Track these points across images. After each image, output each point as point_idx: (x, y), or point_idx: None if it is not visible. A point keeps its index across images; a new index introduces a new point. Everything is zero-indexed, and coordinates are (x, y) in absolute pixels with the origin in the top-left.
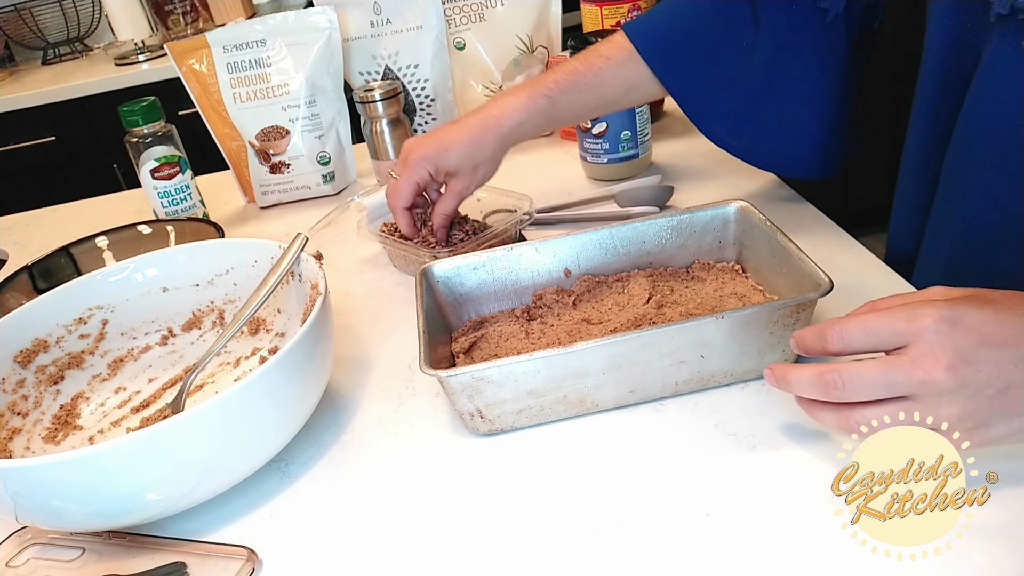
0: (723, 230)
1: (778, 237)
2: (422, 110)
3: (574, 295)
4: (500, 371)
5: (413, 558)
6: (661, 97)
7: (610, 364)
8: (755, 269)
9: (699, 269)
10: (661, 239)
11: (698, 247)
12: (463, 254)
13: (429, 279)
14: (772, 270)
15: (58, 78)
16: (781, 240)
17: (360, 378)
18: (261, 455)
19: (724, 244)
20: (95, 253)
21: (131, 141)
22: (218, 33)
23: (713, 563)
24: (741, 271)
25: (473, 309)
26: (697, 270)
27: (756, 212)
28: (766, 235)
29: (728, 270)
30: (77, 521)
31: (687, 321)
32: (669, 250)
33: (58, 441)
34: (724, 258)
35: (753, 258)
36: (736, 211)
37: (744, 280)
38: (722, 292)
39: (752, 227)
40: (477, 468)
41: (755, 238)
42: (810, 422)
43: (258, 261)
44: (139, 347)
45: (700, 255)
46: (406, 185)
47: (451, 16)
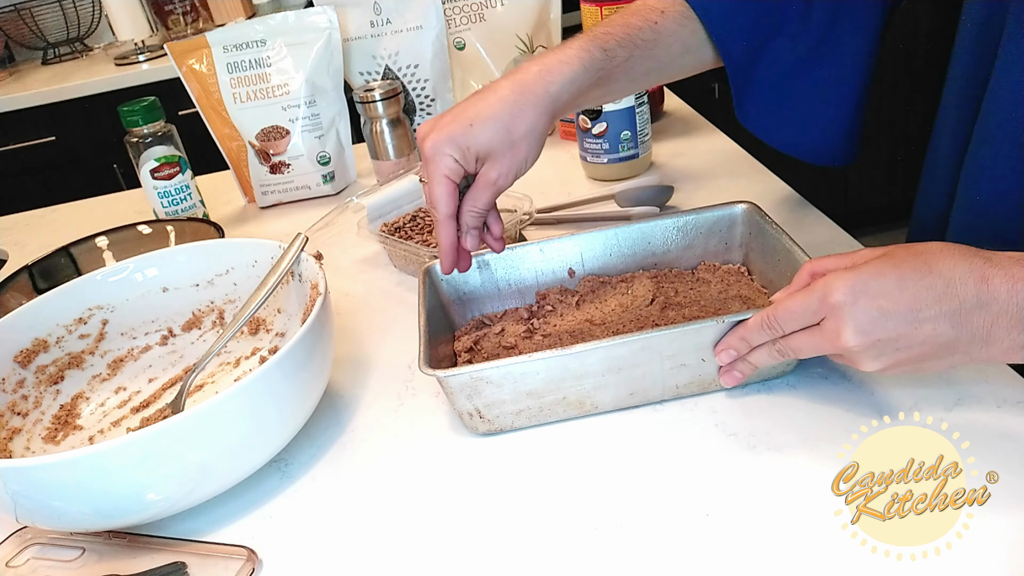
0: (729, 231)
1: (783, 240)
2: (422, 110)
3: (578, 295)
4: (499, 372)
5: (413, 558)
6: (708, 67)
7: (610, 366)
8: (761, 272)
9: (704, 271)
10: (666, 240)
11: (704, 248)
12: None
13: (432, 277)
14: (777, 273)
15: (58, 78)
16: (786, 243)
17: (360, 378)
18: (261, 455)
19: (731, 246)
20: (95, 253)
21: (131, 141)
22: (218, 33)
23: (713, 563)
24: (747, 273)
25: (477, 308)
26: (702, 272)
27: (763, 214)
28: (772, 237)
29: (734, 272)
30: (77, 521)
31: (687, 325)
32: (674, 251)
33: (58, 441)
34: (730, 260)
35: (759, 260)
36: (743, 212)
37: (749, 283)
38: (727, 295)
39: (758, 229)
40: (477, 468)
41: (761, 240)
42: (810, 422)
43: (258, 261)
44: (139, 347)
45: (706, 256)
46: (437, 188)
47: (451, 16)
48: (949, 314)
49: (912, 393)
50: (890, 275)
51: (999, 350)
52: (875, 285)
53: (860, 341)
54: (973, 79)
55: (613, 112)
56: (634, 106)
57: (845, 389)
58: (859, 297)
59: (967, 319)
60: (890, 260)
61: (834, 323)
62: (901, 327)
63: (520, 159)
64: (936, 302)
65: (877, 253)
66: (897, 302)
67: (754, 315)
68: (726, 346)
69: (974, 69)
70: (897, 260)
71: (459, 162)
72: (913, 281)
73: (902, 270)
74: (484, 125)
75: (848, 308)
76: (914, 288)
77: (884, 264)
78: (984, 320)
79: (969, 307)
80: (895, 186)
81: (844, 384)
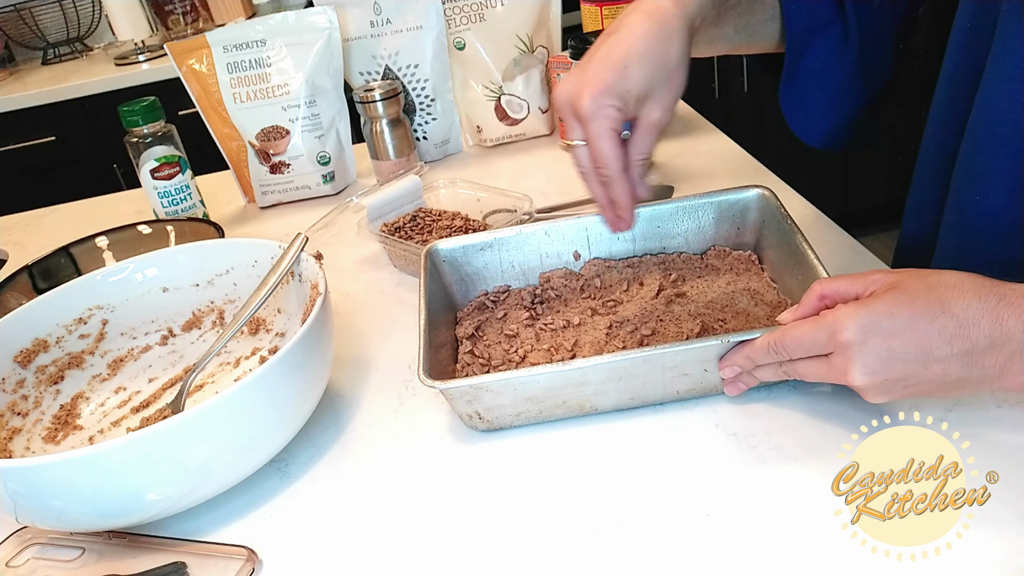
0: (742, 217)
1: (797, 239)
2: (422, 110)
3: (583, 279)
4: (499, 383)
5: (413, 558)
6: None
7: (610, 376)
8: (771, 262)
9: (714, 257)
10: (676, 223)
11: (715, 233)
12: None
13: (435, 258)
14: (786, 268)
15: (58, 78)
16: (800, 243)
17: (360, 378)
18: (261, 455)
19: (743, 231)
20: (95, 253)
21: (131, 141)
22: (218, 33)
23: (713, 563)
24: (757, 261)
25: (480, 290)
26: (712, 258)
27: (778, 202)
28: (786, 233)
29: (744, 260)
30: (77, 521)
31: (691, 343)
32: (683, 235)
33: (58, 441)
34: (742, 245)
35: (770, 249)
36: (757, 197)
37: (759, 274)
38: (735, 287)
39: (771, 217)
40: (477, 468)
41: (773, 230)
42: (810, 422)
43: (258, 261)
44: (139, 347)
45: (717, 241)
46: (606, 144)
47: (451, 16)
48: (961, 355)
49: None
50: (902, 314)
51: (1012, 385)
52: (886, 324)
53: (868, 381)
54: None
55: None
56: None
57: (845, 389)
58: (869, 336)
59: (979, 359)
60: (902, 295)
61: (842, 360)
62: (911, 367)
63: (676, 89)
64: (948, 343)
65: (889, 281)
66: (908, 342)
67: (761, 337)
68: (731, 363)
69: (964, 71)
70: (909, 296)
71: (621, 110)
72: (926, 322)
73: (915, 309)
74: (640, 64)
75: (858, 347)
76: (926, 329)
77: (896, 300)
78: (997, 360)
79: (982, 348)
80: (895, 186)
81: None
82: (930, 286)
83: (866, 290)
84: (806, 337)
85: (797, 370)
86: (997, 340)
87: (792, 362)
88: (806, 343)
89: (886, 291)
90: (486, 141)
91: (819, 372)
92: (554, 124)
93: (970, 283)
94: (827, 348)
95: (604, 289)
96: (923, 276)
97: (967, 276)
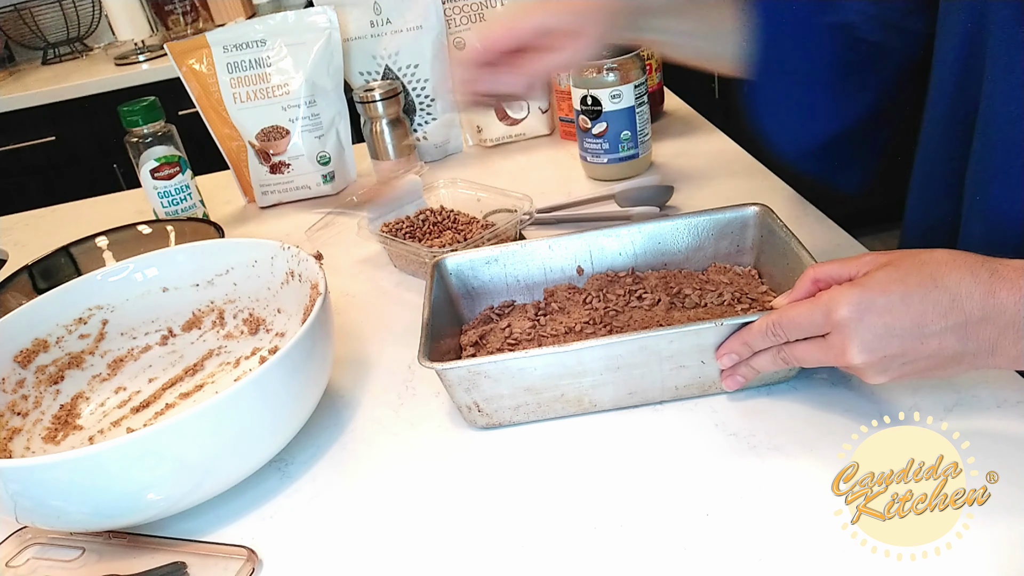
0: (741, 233)
1: (792, 244)
2: (422, 110)
3: (585, 293)
4: (496, 367)
5: (413, 558)
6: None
7: (608, 365)
8: (771, 275)
9: (715, 272)
10: (677, 240)
11: (715, 250)
12: (475, 248)
13: (442, 271)
14: (785, 277)
15: (58, 78)
16: (794, 247)
17: (360, 378)
18: (261, 455)
19: (742, 248)
20: (95, 253)
21: (131, 141)
22: (218, 33)
23: (713, 563)
24: (757, 276)
25: (485, 303)
26: (713, 273)
27: (774, 216)
28: (782, 241)
29: (744, 275)
30: (77, 521)
31: (687, 326)
32: (685, 252)
33: (58, 441)
34: (741, 262)
35: (769, 263)
36: (755, 215)
37: (758, 286)
38: (734, 297)
39: (769, 232)
40: (477, 468)
41: (772, 244)
42: (810, 422)
43: (258, 261)
44: (139, 347)
45: (717, 258)
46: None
47: (451, 16)
48: (955, 328)
49: (912, 394)
50: (895, 291)
51: (1006, 360)
52: (881, 301)
53: (866, 358)
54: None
55: (613, 112)
56: (634, 106)
57: (845, 389)
58: (864, 314)
59: (973, 332)
60: (895, 273)
61: (839, 339)
62: (907, 343)
63: (583, 46)
64: (942, 317)
65: (881, 261)
66: (902, 318)
67: (757, 320)
68: (728, 350)
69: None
70: (902, 273)
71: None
72: (919, 296)
73: (907, 285)
74: None
75: (854, 325)
76: (920, 303)
77: (889, 278)
78: (990, 333)
79: (975, 320)
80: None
81: (844, 384)
82: (922, 263)
83: (859, 271)
84: (803, 317)
85: (795, 354)
86: (990, 312)
87: (790, 346)
88: (803, 323)
89: (878, 270)
90: (486, 141)
91: (817, 354)
92: (554, 124)
93: (962, 259)
94: (824, 328)
95: (607, 302)
96: (915, 255)
97: (959, 253)
